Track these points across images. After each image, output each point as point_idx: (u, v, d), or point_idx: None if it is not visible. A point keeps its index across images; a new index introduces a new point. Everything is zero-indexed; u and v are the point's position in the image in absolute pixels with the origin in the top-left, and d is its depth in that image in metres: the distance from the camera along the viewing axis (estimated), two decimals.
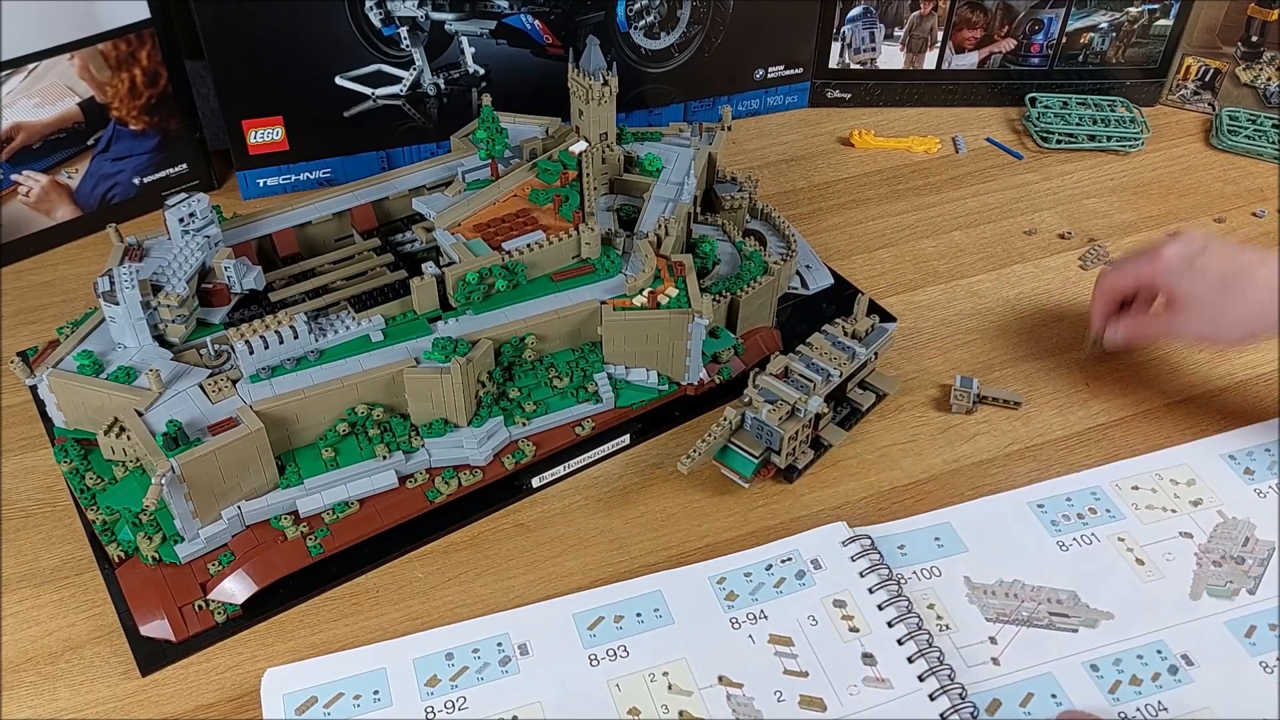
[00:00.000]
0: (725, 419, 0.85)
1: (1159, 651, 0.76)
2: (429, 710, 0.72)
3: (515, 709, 0.72)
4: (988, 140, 1.35)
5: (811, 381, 0.87)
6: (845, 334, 0.93)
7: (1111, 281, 0.93)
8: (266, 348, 0.85)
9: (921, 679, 0.74)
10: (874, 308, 1.07)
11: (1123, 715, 0.72)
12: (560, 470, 0.90)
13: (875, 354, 0.94)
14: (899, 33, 1.36)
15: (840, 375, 0.89)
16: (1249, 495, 0.87)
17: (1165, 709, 0.73)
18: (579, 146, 1.01)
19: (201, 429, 0.80)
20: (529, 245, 0.94)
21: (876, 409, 0.95)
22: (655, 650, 0.76)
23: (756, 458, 0.86)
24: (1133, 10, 1.34)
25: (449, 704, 0.73)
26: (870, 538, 0.83)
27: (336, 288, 0.94)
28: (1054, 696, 0.73)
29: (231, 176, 1.24)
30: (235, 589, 0.79)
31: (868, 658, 0.75)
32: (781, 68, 1.37)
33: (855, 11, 1.34)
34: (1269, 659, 0.76)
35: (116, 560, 0.80)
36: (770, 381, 0.87)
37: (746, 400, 0.86)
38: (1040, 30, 1.36)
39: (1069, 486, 0.88)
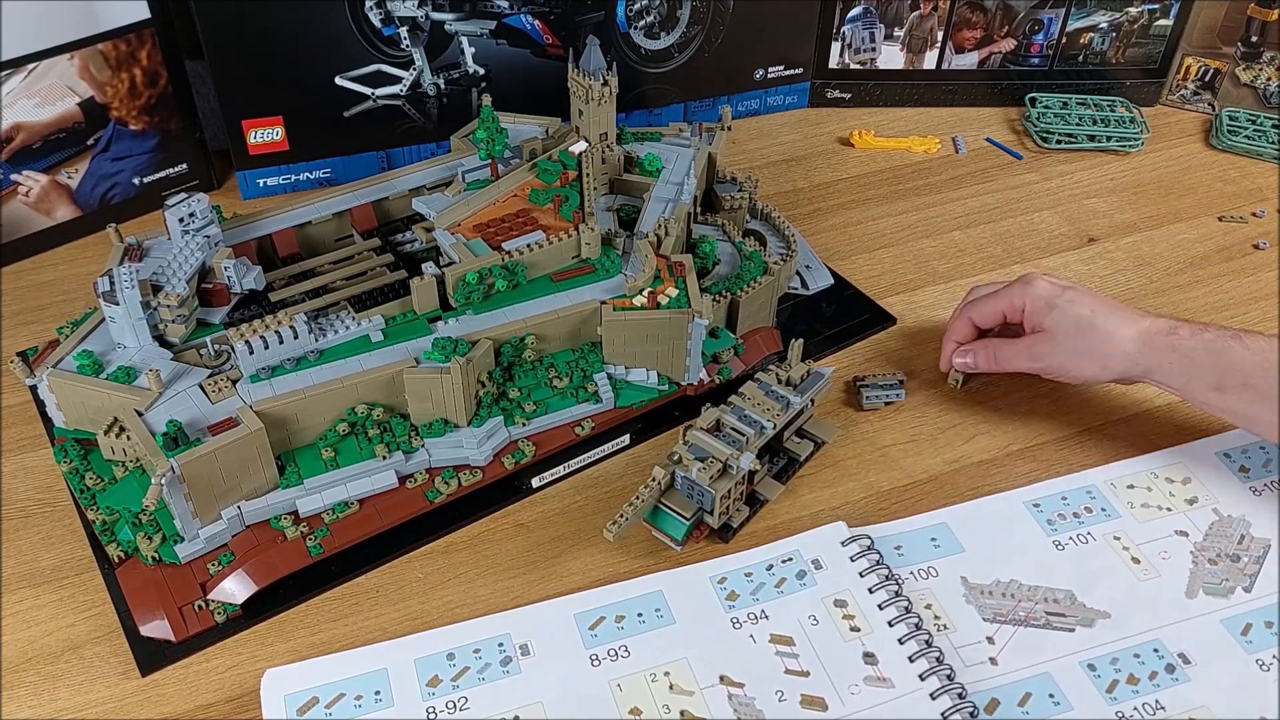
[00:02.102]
0: (654, 479, 0.81)
1: (1156, 650, 0.76)
2: (430, 710, 0.72)
3: (517, 709, 0.72)
4: (988, 140, 1.35)
5: (744, 435, 0.83)
6: (779, 381, 0.89)
7: (979, 310, 0.93)
8: (266, 348, 0.85)
9: (922, 678, 0.74)
10: (874, 307, 1.07)
11: (1120, 715, 0.72)
12: (560, 470, 0.90)
13: (812, 400, 0.90)
14: (899, 33, 1.36)
15: (774, 427, 0.85)
16: (1244, 493, 0.87)
17: (1163, 708, 0.73)
18: (579, 146, 1.01)
19: (201, 429, 0.80)
20: (529, 245, 0.94)
21: (879, 411, 0.95)
22: (656, 650, 0.76)
23: (688, 519, 0.82)
24: (1133, 10, 1.34)
25: (450, 704, 0.73)
26: (870, 538, 0.83)
27: (336, 288, 0.94)
28: (1051, 696, 0.73)
29: (231, 176, 1.24)
30: (235, 589, 0.79)
31: (869, 657, 0.75)
32: (781, 68, 1.37)
33: (855, 11, 1.34)
34: (1265, 657, 0.76)
35: (116, 560, 0.80)
36: (700, 437, 0.83)
37: (676, 458, 0.82)
38: (1040, 30, 1.36)
39: (1065, 486, 0.88)
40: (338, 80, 1.18)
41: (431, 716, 0.72)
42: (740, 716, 0.72)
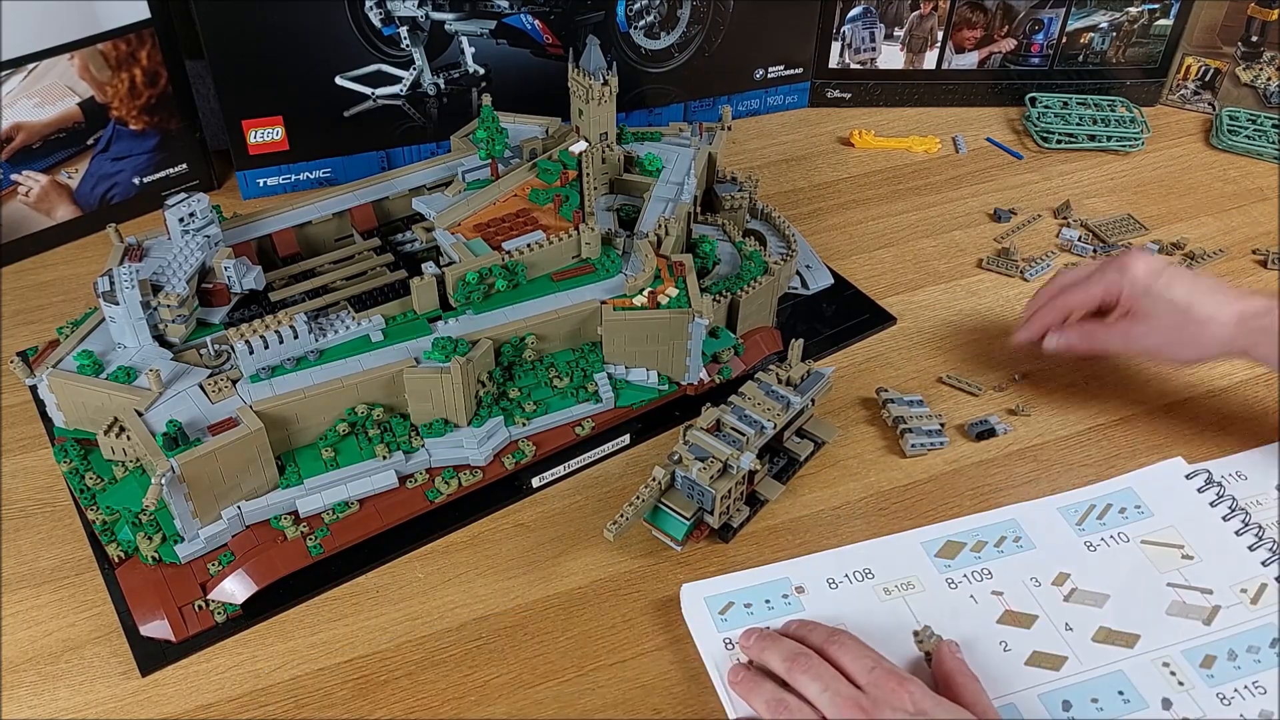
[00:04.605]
0: (654, 479, 0.81)
1: None
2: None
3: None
4: (988, 140, 1.35)
5: (744, 435, 0.83)
6: (779, 381, 0.89)
7: (1075, 297, 0.92)
8: (266, 348, 0.85)
9: None
10: (874, 307, 1.07)
11: None
12: (560, 470, 0.90)
13: (812, 400, 0.90)
14: (899, 33, 1.36)
15: (774, 427, 0.85)
16: None
17: None
18: (579, 146, 1.01)
19: (201, 429, 0.80)
20: (529, 245, 0.94)
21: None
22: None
23: (688, 519, 0.82)
24: (1133, 10, 1.34)
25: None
26: (1209, 471, 0.86)
27: (336, 288, 0.94)
28: None
29: (231, 176, 1.24)
30: (235, 589, 0.79)
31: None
32: (781, 68, 1.37)
33: (855, 11, 1.34)
34: None
35: (116, 560, 0.80)
36: (700, 437, 0.83)
37: (676, 458, 0.82)
38: (1040, 30, 1.36)
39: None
40: (338, 80, 1.18)
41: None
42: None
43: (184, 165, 1.21)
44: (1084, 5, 1.33)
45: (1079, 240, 1.15)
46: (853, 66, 1.38)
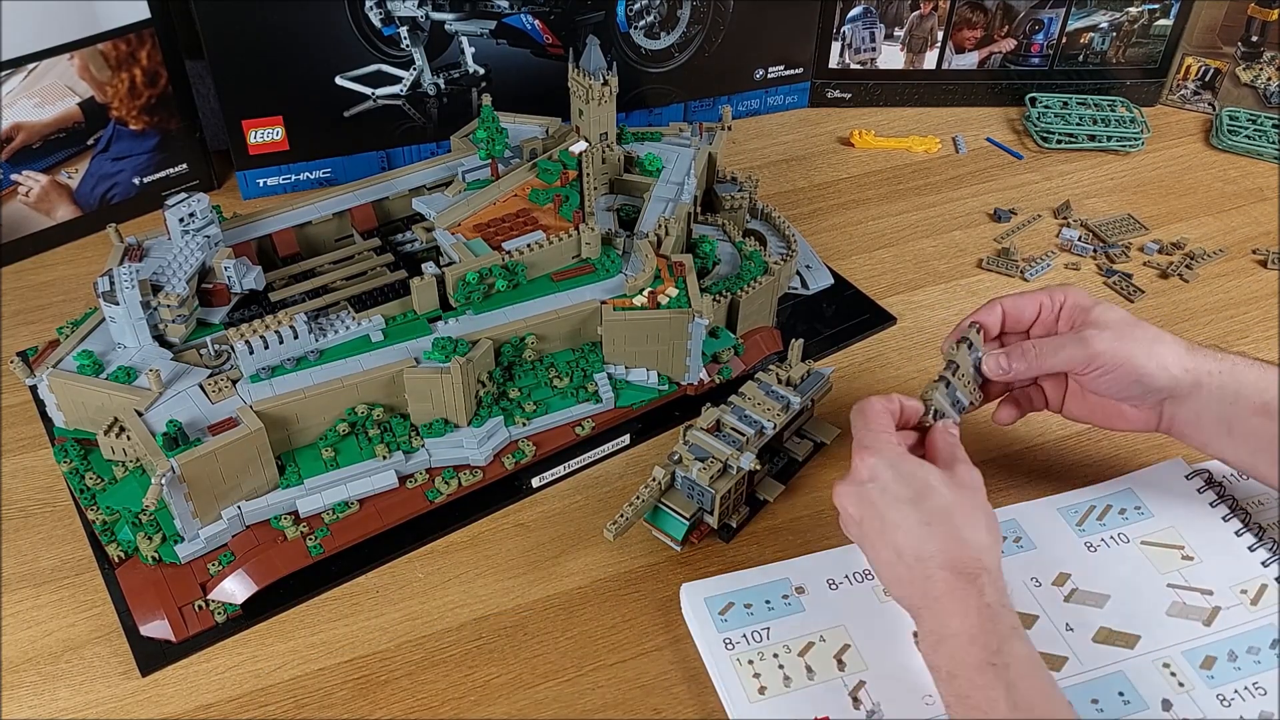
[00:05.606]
0: (654, 479, 0.81)
1: None
2: None
3: None
4: (988, 140, 1.35)
5: (744, 435, 0.83)
6: (779, 381, 0.89)
7: (1012, 299, 0.83)
8: (266, 348, 0.85)
9: None
10: (874, 307, 1.07)
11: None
12: (560, 470, 0.90)
13: (812, 401, 0.90)
14: (899, 33, 1.36)
15: (774, 427, 0.85)
16: None
17: None
18: (579, 146, 1.01)
19: (201, 429, 0.80)
20: (529, 245, 0.94)
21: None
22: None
23: (688, 519, 0.82)
24: (1133, 10, 1.34)
25: None
26: (1209, 471, 0.86)
27: (336, 288, 0.94)
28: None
29: (231, 176, 1.24)
30: (235, 589, 0.79)
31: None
32: (781, 68, 1.37)
33: (855, 11, 1.34)
34: None
35: (116, 560, 0.81)
36: (700, 437, 0.83)
37: (676, 458, 0.82)
38: (1040, 30, 1.36)
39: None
40: (338, 80, 1.18)
41: None
42: None
43: (184, 165, 1.21)
44: (1084, 5, 1.33)
45: (1079, 240, 1.15)
46: (853, 66, 1.38)
